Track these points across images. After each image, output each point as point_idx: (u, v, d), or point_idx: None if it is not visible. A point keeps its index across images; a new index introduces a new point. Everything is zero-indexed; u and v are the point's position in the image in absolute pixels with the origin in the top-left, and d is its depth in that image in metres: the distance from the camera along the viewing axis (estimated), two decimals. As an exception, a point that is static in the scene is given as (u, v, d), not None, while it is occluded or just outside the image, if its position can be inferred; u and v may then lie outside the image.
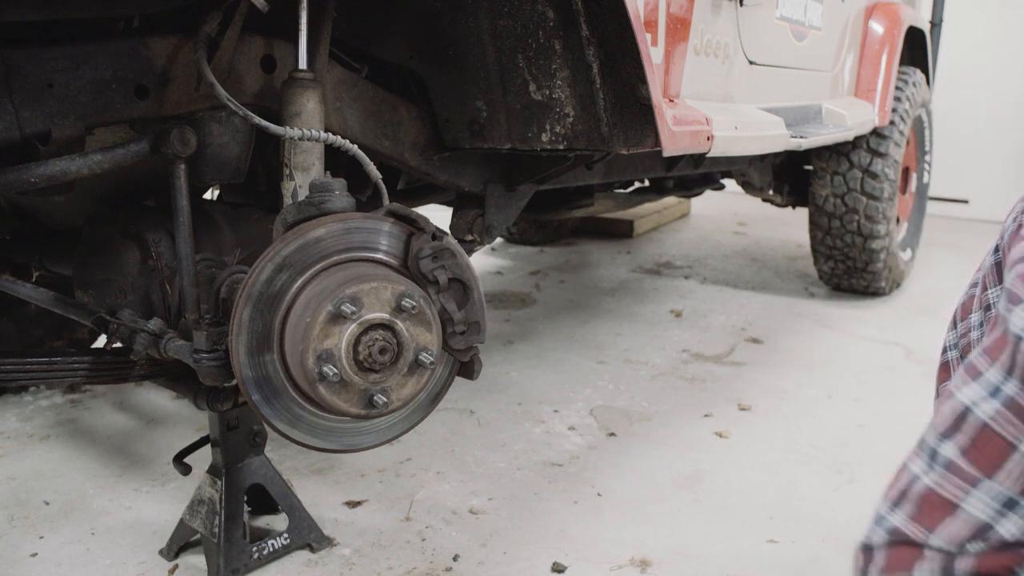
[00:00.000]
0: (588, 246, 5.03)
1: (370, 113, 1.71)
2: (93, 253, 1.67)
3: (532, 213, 3.09)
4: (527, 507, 1.94)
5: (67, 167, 1.25)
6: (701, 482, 2.07)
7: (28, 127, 1.23)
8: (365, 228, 1.32)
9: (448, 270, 1.34)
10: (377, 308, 1.22)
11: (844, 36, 3.44)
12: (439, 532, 1.82)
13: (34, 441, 2.29)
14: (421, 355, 1.27)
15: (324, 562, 1.71)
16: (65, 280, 1.82)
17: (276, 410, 1.30)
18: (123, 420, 2.44)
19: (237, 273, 1.44)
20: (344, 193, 1.33)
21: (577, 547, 1.77)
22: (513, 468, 2.13)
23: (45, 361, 1.49)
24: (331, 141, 1.41)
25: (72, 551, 1.75)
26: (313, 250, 1.28)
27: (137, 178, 1.71)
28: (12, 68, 1.21)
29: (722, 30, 2.34)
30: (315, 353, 1.19)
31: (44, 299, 1.63)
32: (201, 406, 1.57)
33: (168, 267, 1.53)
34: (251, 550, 1.64)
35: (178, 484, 2.02)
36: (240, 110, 1.31)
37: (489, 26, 1.63)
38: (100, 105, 1.31)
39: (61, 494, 1.99)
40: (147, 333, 1.44)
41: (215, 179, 1.48)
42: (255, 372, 1.27)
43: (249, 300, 1.24)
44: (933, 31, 5.06)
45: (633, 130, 1.66)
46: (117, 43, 1.32)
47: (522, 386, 2.70)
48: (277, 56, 1.51)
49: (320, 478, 2.06)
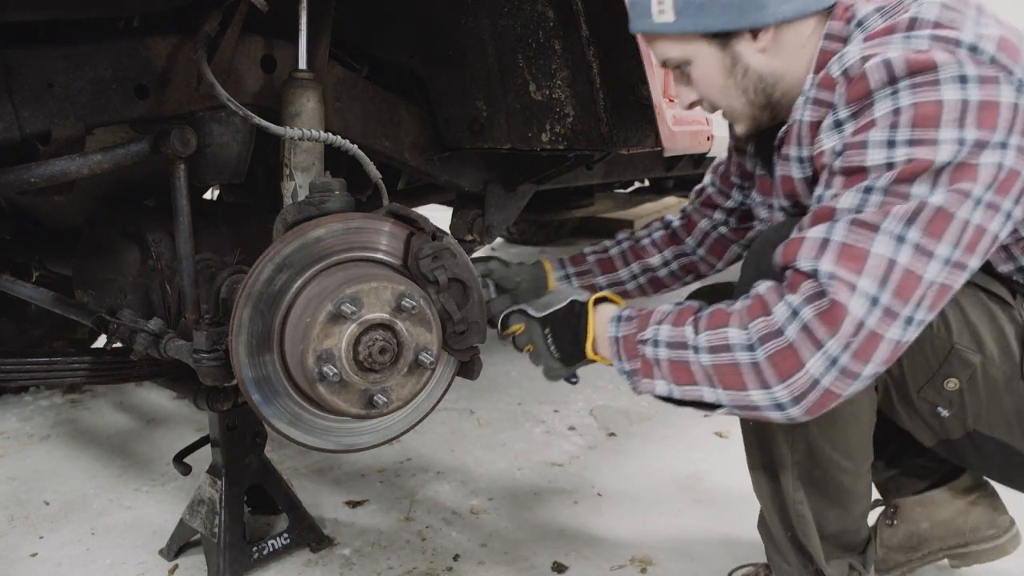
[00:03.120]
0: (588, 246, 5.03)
1: (370, 113, 1.71)
2: (93, 253, 1.67)
3: (532, 213, 3.09)
4: (527, 507, 1.94)
5: (67, 167, 1.25)
6: (701, 482, 2.07)
7: (28, 127, 1.23)
8: (365, 228, 1.32)
9: (448, 270, 1.34)
10: (377, 308, 1.22)
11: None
12: (439, 532, 1.82)
13: (34, 441, 2.29)
14: (421, 355, 1.27)
15: (324, 562, 1.71)
16: (65, 280, 1.82)
17: (276, 410, 1.30)
18: (123, 420, 2.44)
19: (237, 273, 1.44)
20: (344, 193, 1.33)
21: (577, 547, 1.77)
22: (513, 468, 2.13)
23: (45, 361, 1.49)
24: (331, 141, 1.41)
25: (72, 551, 1.75)
26: (313, 250, 1.28)
27: (137, 178, 1.71)
28: (12, 68, 1.21)
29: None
30: (315, 353, 1.19)
31: (44, 299, 1.63)
32: (201, 406, 1.57)
33: (168, 267, 1.53)
34: (251, 550, 1.64)
35: (178, 484, 2.02)
36: (240, 110, 1.31)
37: (489, 26, 1.62)
38: (100, 105, 1.31)
39: (61, 494, 1.99)
40: (147, 333, 1.43)
41: (215, 179, 1.48)
42: (255, 372, 1.26)
43: (249, 300, 1.24)
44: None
45: (633, 130, 1.66)
46: (117, 43, 1.32)
47: (522, 386, 2.70)
48: (277, 56, 1.51)
49: (320, 478, 2.06)
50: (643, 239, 1.69)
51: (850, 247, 1.05)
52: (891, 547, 1.60)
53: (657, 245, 1.68)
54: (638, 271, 1.68)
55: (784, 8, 1.17)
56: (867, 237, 1.04)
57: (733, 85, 1.26)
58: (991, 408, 1.25)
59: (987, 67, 1.05)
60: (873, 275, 1.03)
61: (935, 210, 1.04)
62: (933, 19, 1.10)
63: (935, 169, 1.03)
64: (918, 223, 1.04)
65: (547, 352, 1.33)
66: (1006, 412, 1.25)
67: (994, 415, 1.26)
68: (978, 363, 1.23)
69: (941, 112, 1.03)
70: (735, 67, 1.23)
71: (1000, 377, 1.24)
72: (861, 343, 1.04)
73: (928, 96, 1.04)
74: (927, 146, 1.03)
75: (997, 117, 1.04)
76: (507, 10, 1.59)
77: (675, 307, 1.23)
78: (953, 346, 1.23)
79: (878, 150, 1.06)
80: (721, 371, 1.12)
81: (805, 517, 1.39)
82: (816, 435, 1.31)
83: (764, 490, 1.43)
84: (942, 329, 1.23)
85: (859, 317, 1.03)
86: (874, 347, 1.05)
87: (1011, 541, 1.57)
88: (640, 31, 1.28)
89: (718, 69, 1.24)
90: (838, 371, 1.05)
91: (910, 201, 1.04)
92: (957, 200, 1.04)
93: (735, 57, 1.23)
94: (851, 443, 1.33)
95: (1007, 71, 1.06)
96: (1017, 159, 1.06)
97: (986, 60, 1.06)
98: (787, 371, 1.07)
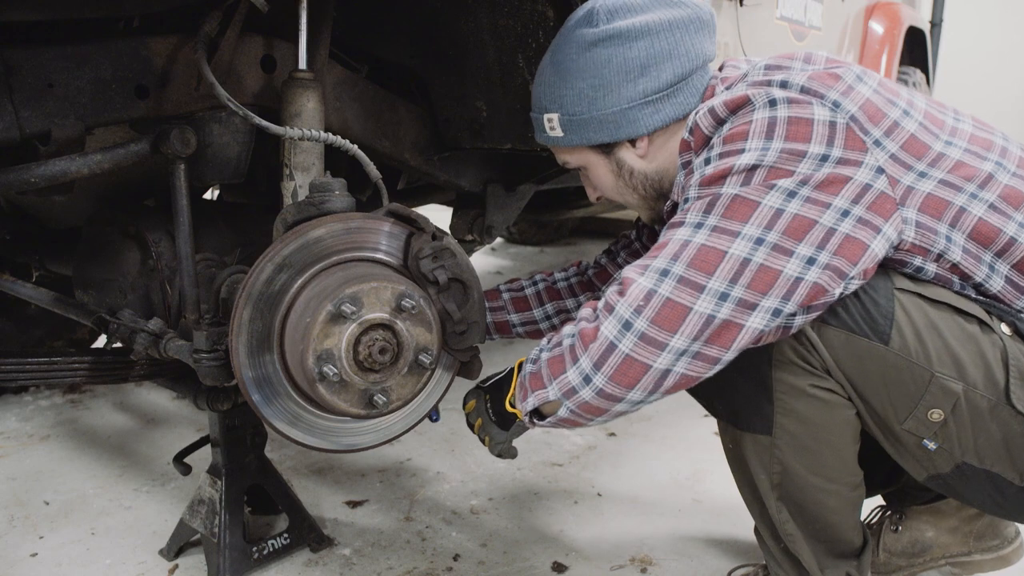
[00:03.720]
0: (588, 246, 5.03)
1: (370, 113, 1.71)
2: (93, 253, 1.67)
3: (532, 213, 3.08)
4: (527, 507, 1.94)
5: (67, 167, 1.25)
6: (701, 482, 2.07)
7: (28, 127, 1.23)
8: (365, 228, 1.32)
9: (448, 270, 1.34)
10: (377, 308, 1.22)
11: (844, 36, 3.44)
12: (439, 532, 1.82)
13: (34, 441, 2.29)
14: (421, 355, 1.27)
15: (324, 562, 1.71)
16: (65, 280, 1.81)
17: (276, 410, 1.30)
18: (123, 420, 2.44)
19: (237, 273, 1.44)
20: (344, 193, 1.33)
21: (577, 547, 1.77)
22: (513, 468, 2.13)
23: (45, 361, 1.49)
24: (331, 141, 1.41)
25: (72, 551, 1.75)
26: (313, 250, 1.28)
27: (137, 178, 1.71)
28: (12, 68, 1.21)
29: (722, 30, 2.34)
30: (315, 353, 1.19)
31: (44, 299, 1.63)
32: (201, 406, 1.57)
33: (168, 267, 1.53)
34: (251, 550, 1.64)
35: (178, 484, 2.02)
36: (240, 110, 1.31)
37: (489, 26, 1.62)
38: (100, 105, 1.31)
39: (61, 494, 1.99)
40: (147, 333, 1.43)
41: (215, 179, 1.48)
42: (255, 372, 1.27)
43: (249, 300, 1.24)
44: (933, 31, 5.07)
45: (633, 130, 1.66)
46: (117, 43, 1.32)
47: (522, 386, 2.70)
48: (277, 56, 1.51)
49: (320, 478, 2.06)
50: (559, 282, 1.75)
51: (657, 245, 1.17)
52: (894, 552, 1.60)
53: (572, 289, 1.73)
54: (552, 312, 1.73)
55: (654, 120, 1.30)
56: (670, 233, 1.16)
57: (624, 184, 1.40)
58: (978, 437, 1.21)
59: (797, 94, 1.15)
60: (665, 255, 1.13)
61: (731, 197, 1.12)
62: (760, 70, 1.24)
63: (737, 171, 1.13)
64: (716, 210, 1.13)
65: (487, 418, 1.39)
66: (994, 441, 1.21)
67: (982, 445, 1.22)
68: (961, 391, 1.19)
69: (750, 129, 1.14)
70: (622, 171, 1.38)
71: (984, 404, 1.19)
72: (657, 309, 1.10)
73: (741, 121, 1.16)
74: (733, 155, 1.14)
75: (810, 131, 1.12)
76: (507, 10, 1.58)
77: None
78: (933, 375, 1.18)
79: (699, 169, 1.19)
80: (552, 363, 1.21)
81: (793, 534, 1.38)
82: (790, 459, 1.31)
83: (751, 508, 1.45)
84: (921, 357, 1.19)
85: (647, 285, 1.12)
86: (675, 315, 1.09)
87: (1015, 552, 1.57)
88: (541, 142, 1.42)
89: (607, 172, 1.39)
90: (636, 336, 1.10)
91: (707, 198, 1.14)
92: (760, 192, 1.11)
93: (619, 162, 1.37)
94: (829, 466, 1.31)
95: (819, 95, 1.15)
96: (839, 168, 1.11)
97: (796, 91, 1.16)
98: (587, 340, 1.15)
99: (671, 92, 1.30)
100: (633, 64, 1.27)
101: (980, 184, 1.17)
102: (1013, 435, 1.20)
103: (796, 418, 1.27)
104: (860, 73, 1.19)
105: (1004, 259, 1.20)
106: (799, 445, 1.28)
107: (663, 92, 1.29)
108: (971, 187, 1.17)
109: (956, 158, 1.18)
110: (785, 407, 1.27)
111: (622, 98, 1.29)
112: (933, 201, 1.15)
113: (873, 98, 1.15)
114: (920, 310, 1.20)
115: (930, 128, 1.18)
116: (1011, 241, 1.18)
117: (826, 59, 1.26)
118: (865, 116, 1.13)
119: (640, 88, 1.28)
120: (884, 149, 1.13)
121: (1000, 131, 1.28)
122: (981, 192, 1.17)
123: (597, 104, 1.30)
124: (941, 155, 1.17)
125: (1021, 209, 1.18)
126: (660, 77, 1.28)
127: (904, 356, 1.18)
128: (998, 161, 1.20)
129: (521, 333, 1.76)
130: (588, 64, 1.28)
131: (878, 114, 1.14)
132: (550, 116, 1.35)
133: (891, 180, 1.13)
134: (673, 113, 1.31)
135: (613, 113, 1.30)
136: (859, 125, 1.13)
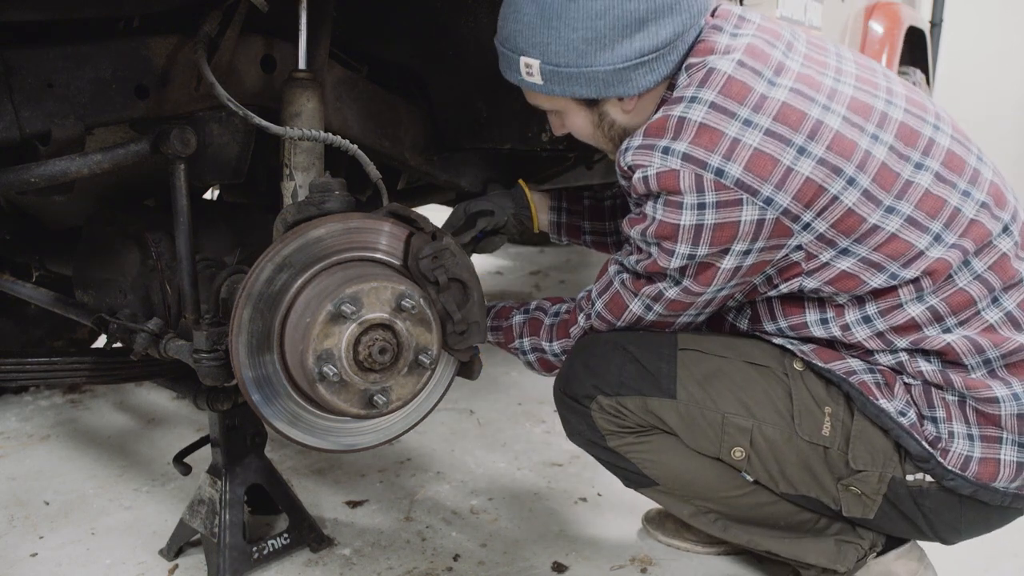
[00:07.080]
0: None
1: (370, 113, 1.71)
2: (93, 253, 1.67)
3: (532, 213, 3.08)
4: (527, 507, 1.94)
5: (67, 167, 1.25)
6: (701, 482, 2.07)
7: (28, 127, 1.23)
8: (365, 228, 1.33)
9: (448, 270, 1.34)
10: (377, 308, 1.22)
11: (844, 36, 3.44)
12: (439, 532, 1.82)
13: (34, 441, 2.29)
14: (421, 355, 1.27)
15: (324, 562, 1.71)
16: (65, 280, 1.81)
17: (276, 410, 1.30)
18: (123, 420, 2.44)
19: (237, 273, 1.44)
20: (344, 193, 1.33)
21: (578, 547, 1.77)
22: (513, 468, 2.13)
23: (45, 361, 1.49)
24: (331, 141, 1.41)
25: (72, 551, 1.75)
26: (313, 250, 1.28)
27: (137, 178, 1.71)
28: (12, 68, 1.21)
29: (722, 30, 2.34)
30: (315, 353, 1.19)
31: (44, 299, 1.63)
32: (201, 406, 1.57)
33: (168, 267, 1.53)
34: (251, 550, 1.64)
35: (178, 484, 2.02)
36: (240, 110, 1.31)
37: (489, 26, 1.62)
38: (100, 105, 1.31)
39: (61, 494, 1.99)
40: (147, 333, 1.43)
41: (215, 179, 1.48)
42: (255, 372, 1.27)
43: (249, 300, 1.24)
44: (933, 31, 5.07)
45: (633, 130, 1.66)
46: (117, 43, 1.32)
47: (522, 386, 2.69)
48: (277, 56, 1.51)
49: (320, 478, 2.06)
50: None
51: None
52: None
53: None
54: (618, 228, 1.72)
55: (648, 80, 1.25)
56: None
57: (601, 135, 1.36)
58: (785, 467, 1.33)
59: (730, 191, 1.17)
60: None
61: (672, 297, 1.31)
62: (697, 123, 1.20)
63: (669, 272, 1.27)
64: (660, 303, 1.33)
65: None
66: (799, 468, 1.32)
67: (791, 473, 1.33)
68: (752, 426, 1.32)
69: (678, 232, 1.21)
70: (602, 122, 1.34)
71: (779, 436, 1.31)
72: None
73: (671, 218, 1.22)
74: (665, 254, 1.25)
75: (734, 235, 1.20)
76: (507, 10, 1.58)
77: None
78: (724, 415, 1.32)
79: (638, 238, 1.30)
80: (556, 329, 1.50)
81: (761, 545, 1.46)
82: (680, 498, 1.45)
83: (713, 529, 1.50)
84: (709, 402, 1.33)
85: (584, 325, 1.45)
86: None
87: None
88: (512, 80, 1.33)
89: (587, 122, 1.34)
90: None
91: (649, 287, 1.33)
92: (693, 292, 1.29)
93: (602, 115, 1.32)
94: (707, 487, 1.41)
95: (752, 191, 1.16)
96: (761, 255, 1.23)
97: (730, 184, 1.16)
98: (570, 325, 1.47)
99: (668, 50, 1.22)
100: (631, 18, 1.17)
101: (858, 165, 1.20)
102: (812, 462, 1.31)
103: (654, 467, 1.40)
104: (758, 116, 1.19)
105: (862, 243, 1.23)
106: (676, 484, 1.41)
107: (660, 51, 1.21)
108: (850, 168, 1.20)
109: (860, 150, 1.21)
110: (641, 462, 1.41)
111: (616, 56, 1.19)
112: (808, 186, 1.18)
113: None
114: (701, 363, 1.34)
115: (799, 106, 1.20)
116: (874, 228, 1.21)
117: (807, 42, 1.29)
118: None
119: (636, 46, 1.19)
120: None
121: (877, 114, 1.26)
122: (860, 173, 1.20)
123: (587, 59, 1.20)
124: (818, 123, 1.20)
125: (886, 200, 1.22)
126: (659, 34, 1.19)
127: (693, 404, 1.32)
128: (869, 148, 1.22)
129: (588, 242, 1.77)
130: (580, 12, 1.16)
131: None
132: (528, 61, 1.23)
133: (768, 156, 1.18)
134: (667, 71, 1.24)
135: (605, 71, 1.21)
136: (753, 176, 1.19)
